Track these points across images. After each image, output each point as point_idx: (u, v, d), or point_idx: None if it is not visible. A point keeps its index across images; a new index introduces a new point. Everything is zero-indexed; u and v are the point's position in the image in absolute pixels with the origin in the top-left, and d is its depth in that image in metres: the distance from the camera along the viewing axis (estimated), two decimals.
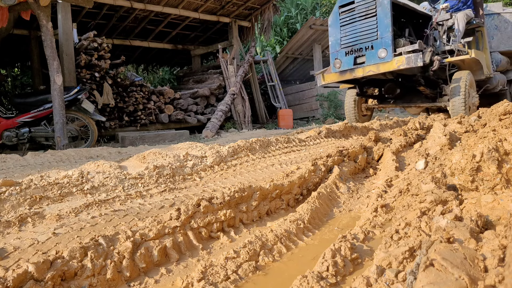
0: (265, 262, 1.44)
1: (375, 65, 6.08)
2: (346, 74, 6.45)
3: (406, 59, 5.73)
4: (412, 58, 5.69)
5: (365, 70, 6.14)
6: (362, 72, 6.17)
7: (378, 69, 6.02)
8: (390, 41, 6.01)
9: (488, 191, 1.56)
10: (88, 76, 7.31)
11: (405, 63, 5.73)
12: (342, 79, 6.65)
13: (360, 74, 6.20)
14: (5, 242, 1.66)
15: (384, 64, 5.96)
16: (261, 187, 2.02)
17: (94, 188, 2.44)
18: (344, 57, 6.54)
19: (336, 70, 6.60)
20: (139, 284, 1.34)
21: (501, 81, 8.53)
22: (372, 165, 3.08)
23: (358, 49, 6.38)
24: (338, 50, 6.62)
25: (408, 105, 7.45)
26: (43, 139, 6.08)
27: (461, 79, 6.36)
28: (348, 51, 6.49)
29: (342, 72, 6.51)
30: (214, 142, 6.15)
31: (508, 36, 8.82)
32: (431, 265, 0.93)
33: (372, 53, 6.18)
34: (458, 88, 6.29)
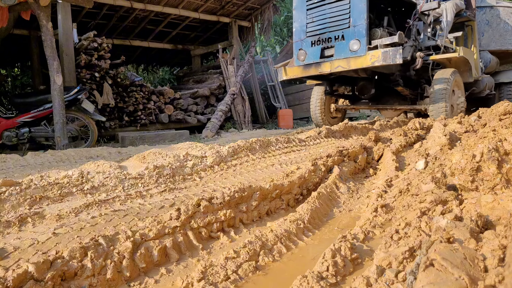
0: (265, 262, 1.44)
1: (346, 59, 5.03)
2: (311, 69, 5.37)
3: (382, 54, 4.74)
4: (389, 53, 4.70)
5: (334, 65, 5.10)
6: (329, 67, 5.14)
7: (348, 65, 4.99)
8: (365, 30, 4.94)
9: (488, 191, 1.56)
10: (88, 76, 7.31)
11: (381, 59, 4.74)
12: (306, 75, 5.60)
13: (327, 69, 5.17)
14: (5, 242, 1.66)
15: (356, 59, 4.94)
16: (261, 187, 2.02)
17: (94, 188, 2.44)
18: (309, 48, 5.40)
19: (300, 63, 5.50)
20: (139, 284, 1.34)
21: (489, 85, 7.57)
22: (372, 165, 3.08)
23: (326, 38, 5.26)
24: (303, 39, 5.47)
25: (383, 107, 6.49)
26: (43, 139, 6.07)
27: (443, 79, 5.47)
28: (314, 41, 5.36)
29: (306, 66, 5.43)
30: (214, 142, 6.15)
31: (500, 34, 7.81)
32: (431, 265, 0.93)
33: (342, 45, 5.09)
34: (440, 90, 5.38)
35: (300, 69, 5.60)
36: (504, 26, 7.86)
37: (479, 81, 7.09)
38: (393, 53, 4.73)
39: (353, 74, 5.68)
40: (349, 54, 5.02)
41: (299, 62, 5.56)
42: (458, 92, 5.91)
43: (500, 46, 7.89)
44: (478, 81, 7.06)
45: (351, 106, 6.83)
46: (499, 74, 8.30)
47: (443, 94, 5.36)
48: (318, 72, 5.33)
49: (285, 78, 5.87)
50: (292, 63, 5.76)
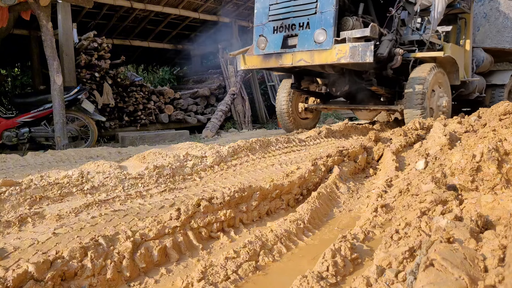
0: (265, 262, 1.44)
1: (309, 52, 4.26)
2: (271, 60, 4.56)
3: (350, 50, 4.00)
4: (358, 50, 3.97)
5: (296, 58, 4.34)
6: (291, 60, 4.38)
7: (312, 59, 4.24)
8: (333, 19, 4.14)
9: (488, 191, 1.56)
10: (88, 76, 7.32)
11: (348, 55, 4.00)
12: (265, 66, 4.81)
13: (288, 62, 4.41)
14: (5, 242, 1.66)
15: (321, 53, 4.17)
16: (261, 187, 2.02)
17: (94, 188, 2.44)
18: (271, 35, 4.59)
19: (259, 51, 4.67)
20: (139, 284, 1.34)
21: (479, 86, 6.81)
22: (372, 165, 3.08)
23: (290, 25, 4.46)
24: (264, 23, 4.66)
25: (355, 107, 5.62)
26: (43, 139, 6.07)
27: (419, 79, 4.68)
28: (277, 27, 4.55)
29: (266, 56, 4.61)
30: (214, 142, 6.15)
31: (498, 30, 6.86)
32: (431, 265, 0.93)
33: (307, 34, 4.31)
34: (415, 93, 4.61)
35: (259, 59, 4.74)
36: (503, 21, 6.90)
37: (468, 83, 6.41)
38: (363, 50, 3.95)
39: (319, 69, 4.84)
40: (314, 46, 4.22)
41: (258, 51, 4.69)
42: (440, 91, 5.06)
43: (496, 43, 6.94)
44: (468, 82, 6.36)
45: (323, 105, 6.01)
46: (492, 75, 7.43)
47: (418, 98, 4.62)
48: (279, 65, 4.52)
49: (243, 68, 5.04)
50: (252, 51, 4.88)
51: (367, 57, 3.99)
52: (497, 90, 7.34)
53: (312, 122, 6.53)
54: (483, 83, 6.97)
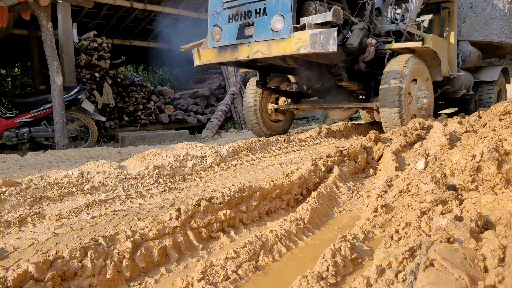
0: (265, 262, 1.44)
1: (266, 42, 3.72)
2: (227, 53, 4.03)
3: (310, 38, 3.45)
4: (320, 37, 3.43)
5: (252, 49, 3.82)
6: (247, 52, 3.86)
7: (269, 50, 3.71)
8: (291, 2, 3.66)
9: (488, 191, 1.56)
10: (88, 76, 7.32)
11: (308, 44, 3.46)
12: (221, 60, 4.22)
13: (244, 55, 3.89)
14: (5, 242, 1.66)
15: (279, 43, 3.65)
16: (261, 187, 2.02)
17: (94, 188, 2.44)
18: (226, 24, 4.07)
19: (214, 44, 4.13)
20: (139, 284, 1.34)
21: (466, 83, 6.28)
22: (372, 165, 3.08)
23: (245, 12, 3.95)
24: (219, 12, 4.14)
25: (328, 106, 5.04)
26: (43, 139, 6.08)
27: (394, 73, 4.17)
28: (232, 15, 4.04)
29: (222, 48, 4.07)
30: (214, 142, 6.15)
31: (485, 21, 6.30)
32: (431, 265, 0.93)
33: (263, 22, 3.80)
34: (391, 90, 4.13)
35: (214, 53, 4.18)
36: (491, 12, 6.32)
37: (454, 79, 5.88)
38: (325, 37, 3.41)
39: (281, 62, 4.24)
40: (271, 35, 3.69)
41: (213, 43, 4.13)
42: (420, 86, 4.56)
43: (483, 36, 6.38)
44: (453, 78, 5.86)
45: (293, 106, 5.40)
46: (480, 71, 6.87)
47: (394, 94, 4.11)
48: (234, 58, 3.99)
49: (198, 63, 4.41)
50: (206, 43, 4.29)
51: (329, 46, 3.44)
52: (485, 87, 6.82)
53: (285, 125, 5.89)
54: (470, 80, 6.48)
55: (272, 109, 5.56)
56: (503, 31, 6.51)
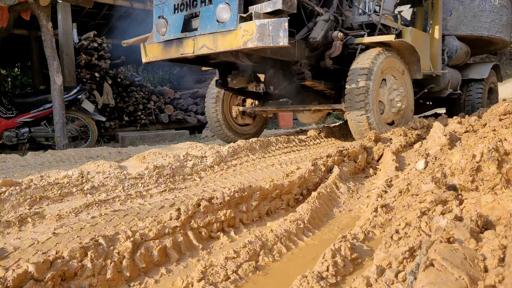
0: (265, 262, 1.44)
1: (212, 35, 3.25)
2: (172, 49, 3.56)
3: (258, 29, 2.96)
4: (268, 29, 2.96)
5: (198, 44, 3.35)
6: (192, 47, 3.39)
7: (215, 45, 3.23)
8: None
9: (488, 191, 1.56)
10: (88, 76, 7.33)
11: (255, 37, 2.98)
12: (167, 57, 3.69)
13: (189, 50, 3.41)
14: (5, 242, 1.66)
15: (225, 36, 3.17)
16: (261, 187, 2.02)
17: (94, 188, 2.44)
18: (171, 15, 3.62)
19: (160, 38, 3.68)
20: (139, 284, 1.34)
21: (453, 81, 5.80)
22: (372, 165, 3.08)
23: (191, 1, 3.51)
24: (163, 1, 3.71)
25: (295, 108, 4.53)
26: (43, 139, 6.08)
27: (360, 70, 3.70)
28: (177, 4, 3.58)
29: (167, 43, 3.61)
30: (214, 142, 6.15)
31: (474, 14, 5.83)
32: (431, 265, 0.93)
33: (209, 12, 3.33)
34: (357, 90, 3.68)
35: (160, 48, 3.71)
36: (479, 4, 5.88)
37: (439, 77, 5.43)
38: (274, 29, 2.95)
39: (234, 59, 3.71)
40: (217, 26, 3.21)
41: (159, 37, 3.68)
42: (394, 84, 4.04)
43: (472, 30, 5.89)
44: (438, 76, 5.40)
45: (259, 108, 4.84)
46: (468, 69, 6.41)
47: (360, 95, 3.64)
48: (180, 54, 3.51)
49: (145, 60, 3.94)
50: (152, 37, 3.83)
51: (280, 39, 2.97)
52: (474, 86, 6.34)
53: (254, 129, 5.35)
54: (457, 78, 6.01)
55: (237, 111, 5.00)
56: (493, 24, 6.05)
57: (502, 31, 6.21)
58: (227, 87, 4.63)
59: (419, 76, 4.48)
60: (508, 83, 13.24)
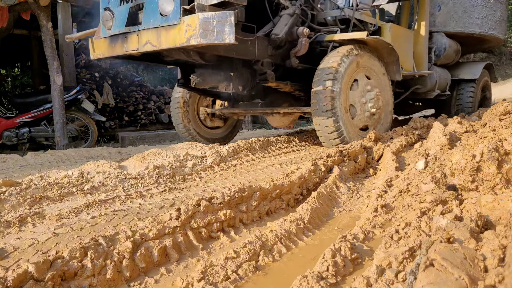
0: (265, 262, 1.44)
1: (155, 30, 2.94)
2: (117, 45, 3.23)
3: (201, 24, 2.64)
4: (212, 23, 2.65)
5: (142, 40, 3.04)
6: (136, 43, 3.07)
7: (159, 41, 2.92)
8: None
9: (488, 191, 1.56)
10: (88, 76, 7.33)
11: (198, 33, 2.65)
12: (113, 54, 3.34)
13: (133, 47, 3.10)
14: (5, 242, 1.66)
15: (168, 31, 2.85)
16: (261, 187, 2.02)
17: (94, 188, 2.44)
18: (117, 7, 3.26)
19: (106, 33, 3.32)
20: (139, 284, 1.34)
21: (441, 82, 5.41)
22: (372, 165, 3.08)
23: None
24: None
25: (263, 110, 4.22)
26: (43, 139, 6.08)
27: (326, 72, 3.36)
28: None
29: (113, 38, 3.27)
30: None
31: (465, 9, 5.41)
32: (431, 265, 0.93)
33: (153, 3, 3.01)
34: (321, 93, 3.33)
35: (106, 44, 3.34)
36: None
37: (425, 77, 5.06)
38: (219, 24, 2.63)
39: (185, 57, 3.36)
40: (160, 20, 2.90)
41: (105, 32, 3.31)
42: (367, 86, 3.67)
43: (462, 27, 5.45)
44: (424, 76, 5.01)
45: (227, 110, 4.52)
46: (458, 68, 5.99)
47: (327, 99, 3.28)
48: (124, 51, 3.17)
49: (92, 57, 3.55)
50: (99, 32, 3.44)
51: (225, 36, 2.66)
52: (465, 86, 5.93)
53: (225, 132, 4.96)
54: (446, 78, 5.60)
55: (205, 113, 4.61)
56: (485, 21, 5.62)
57: (496, 28, 5.80)
58: (189, 87, 4.24)
59: (398, 77, 4.11)
60: (508, 83, 13.21)
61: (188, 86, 4.20)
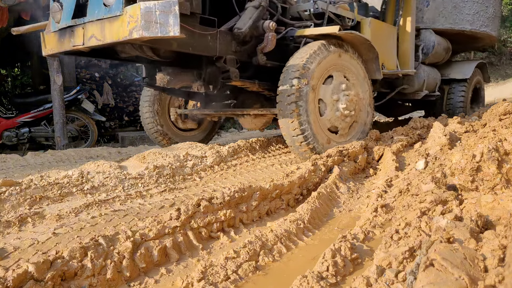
0: (265, 262, 1.44)
1: (100, 23, 2.69)
2: (66, 39, 2.96)
3: (142, 15, 2.43)
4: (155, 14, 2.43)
5: (87, 33, 2.79)
6: (82, 37, 2.82)
7: (103, 35, 2.68)
8: None
9: (488, 191, 1.56)
10: (88, 76, 7.33)
11: (140, 25, 2.43)
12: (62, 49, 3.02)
13: (79, 41, 2.84)
14: (5, 242, 1.66)
15: (112, 23, 2.62)
16: (261, 187, 2.02)
17: (94, 188, 2.44)
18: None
19: (55, 26, 3.02)
20: (139, 284, 1.34)
21: (430, 82, 5.12)
22: (372, 165, 3.08)
23: None
24: None
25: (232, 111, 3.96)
26: (43, 139, 6.09)
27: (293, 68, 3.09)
28: None
29: (62, 32, 2.98)
30: (214, 142, 6.15)
31: (455, 5, 5.11)
32: (431, 265, 0.93)
33: None
34: (287, 93, 3.04)
35: (56, 39, 3.04)
36: None
37: (412, 77, 4.79)
38: (163, 15, 2.41)
39: (139, 53, 3.08)
40: (104, 11, 2.66)
41: (55, 26, 3.02)
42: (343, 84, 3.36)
43: (452, 24, 5.14)
44: (411, 76, 4.76)
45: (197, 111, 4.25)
46: (449, 67, 5.70)
47: (291, 100, 3.00)
48: (72, 46, 2.89)
49: (44, 53, 3.23)
50: (50, 25, 3.14)
51: (170, 28, 2.42)
52: (456, 86, 5.64)
53: (201, 135, 4.61)
54: (435, 78, 5.29)
55: (175, 114, 4.30)
56: (477, 17, 5.30)
57: (488, 25, 5.47)
58: (155, 86, 3.97)
59: (378, 76, 3.82)
60: (508, 83, 13.21)
61: (154, 85, 3.96)
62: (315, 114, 3.18)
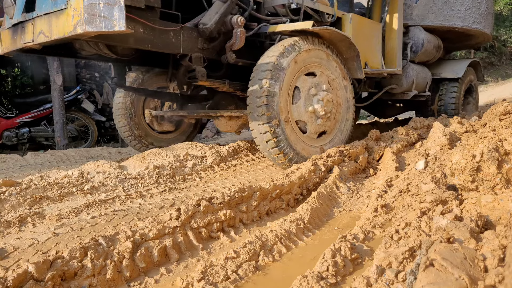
0: (265, 262, 1.44)
1: (47, 17, 2.51)
2: (18, 36, 2.81)
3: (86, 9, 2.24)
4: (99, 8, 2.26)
5: (36, 29, 2.62)
6: (31, 33, 2.67)
7: (50, 31, 2.50)
8: None
9: (488, 191, 1.56)
10: (88, 76, 7.33)
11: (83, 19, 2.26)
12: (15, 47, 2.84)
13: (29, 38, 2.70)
14: (5, 242, 1.66)
15: (59, 18, 2.44)
16: (261, 187, 2.02)
17: (94, 188, 2.44)
18: None
19: (9, 22, 2.87)
20: (139, 284, 1.34)
21: (419, 81, 4.89)
22: (373, 165, 3.08)
23: None
24: None
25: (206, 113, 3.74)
26: (43, 139, 6.09)
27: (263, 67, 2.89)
28: None
29: (14, 28, 2.83)
30: (214, 142, 6.15)
31: (445, 0, 4.87)
32: (431, 265, 0.93)
33: None
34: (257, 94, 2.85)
35: (9, 36, 2.89)
36: None
37: (400, 76, 4.58)
38: (107, 7, 2.26)
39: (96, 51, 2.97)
40: (51, 5, 2.47)
41: (9, 22, 2.88)
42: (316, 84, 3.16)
43: (442, 20, 4.88)
44: (399, 75, 4.55)
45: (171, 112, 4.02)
46: (440, 66, 5.48)
47: (262, 102, 2.81)
48: (22, 44, 2.74)
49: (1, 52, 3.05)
50: (5, 22, 2.99)
51: (115, 22, 2.25)
52: (448, 86, 5.41)
53: (180, 138, 4.38)
54: (426, 77, 5.07)
55: (150, 116, 4.07)
56: (469, 13, 5.04)
57: (481, 22, 5.20)
58: (126, 86, 3.77)
59: (360, 75, 3.60)
60: (508, 83, 13.21)
61: (124, 85, 3.75)
62: (288, 114, 2.98)
